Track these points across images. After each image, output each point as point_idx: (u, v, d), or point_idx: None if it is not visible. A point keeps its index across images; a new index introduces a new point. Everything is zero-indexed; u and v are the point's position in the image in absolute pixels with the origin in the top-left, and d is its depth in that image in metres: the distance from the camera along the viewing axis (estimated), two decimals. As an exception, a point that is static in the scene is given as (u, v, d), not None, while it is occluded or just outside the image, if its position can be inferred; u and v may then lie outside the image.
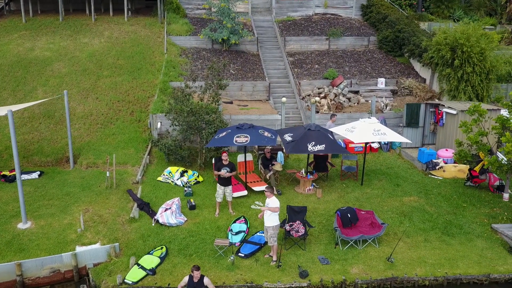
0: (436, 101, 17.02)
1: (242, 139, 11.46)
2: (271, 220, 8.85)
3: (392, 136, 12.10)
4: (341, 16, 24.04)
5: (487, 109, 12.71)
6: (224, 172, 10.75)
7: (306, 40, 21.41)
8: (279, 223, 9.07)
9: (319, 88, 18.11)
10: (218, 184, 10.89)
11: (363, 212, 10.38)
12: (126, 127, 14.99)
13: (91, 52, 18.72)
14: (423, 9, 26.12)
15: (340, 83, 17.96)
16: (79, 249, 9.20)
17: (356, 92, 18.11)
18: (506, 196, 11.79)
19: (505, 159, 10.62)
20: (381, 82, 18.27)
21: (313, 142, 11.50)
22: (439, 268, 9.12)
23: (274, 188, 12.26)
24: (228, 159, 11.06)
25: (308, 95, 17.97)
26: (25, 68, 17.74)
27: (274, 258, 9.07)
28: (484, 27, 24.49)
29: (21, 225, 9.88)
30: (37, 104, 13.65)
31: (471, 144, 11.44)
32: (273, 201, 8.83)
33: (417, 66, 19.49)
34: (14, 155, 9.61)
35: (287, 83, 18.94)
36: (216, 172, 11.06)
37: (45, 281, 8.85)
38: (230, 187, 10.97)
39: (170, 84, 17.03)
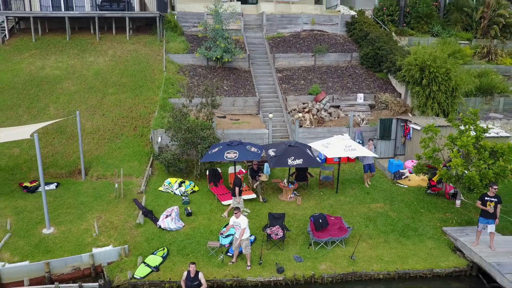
0: (409, 115, 18.98)
1: (231, 155, 13.37)
2: (245, 233, 10.65)
3: (361, 151, 14.03)
4: (327, 32, 25.94)
5: (445, 125, 14.68)
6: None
7: (294, 56, 23.31)
8: (249, 234, 10.84)
9: (303, 103, 20.03)
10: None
11: (332, 218, 12.31)
12: (130, 142, 16.88)
13: (96, 71, 20.60)
14: (404, 25, 28.02)
15: (323, 99, 19.88)
16: (95, 250, 11.09)
17: (337, 107, 20.03)
18: (458, 202, 13.73)
19: (459, 171, 12.49)
20: (360, 97, 20.19)
21: (293, 157, 13.42)
22: (392, 264, 11.06)
23: (261, 196, 14.24)
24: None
25: (294, 110, 19.89)
26: (38, 86, 19.60)
27: (249, 263, 10.84)
28: (460, 42, 26.60)
29: (45, 231, 11.77)
30: (53, 122, 15.43)
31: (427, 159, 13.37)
32: (242, 221, 10.62)
33: (394, 81, 21.42)
34: (40, 173, 11.48)
35: (275, 98, 20.84)
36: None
37: (68, 277, 10.74)
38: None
39: (169, 100, 18.93)
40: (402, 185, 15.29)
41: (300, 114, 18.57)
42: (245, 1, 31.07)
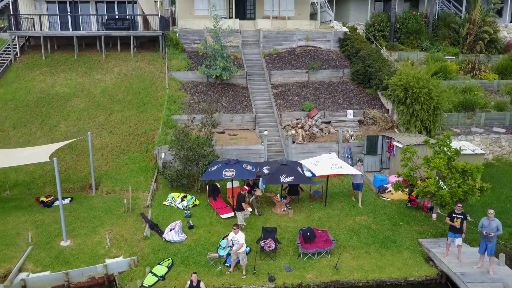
0: (396, 131, 20.40)
1: (229, 173, 14.80)
2: (242, 247, 12.06)
3: (346, 169, 15.45)
4: (321, 48, 27.37)
5: (425, 143, 16.09)
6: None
7: (289, 73, 24.74)
8: (245, 248, 12.25)
9: (297, 119, 21.45)
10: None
11: (319, 231, 13.73)
12: (136, 158, 18.31)
13: (103, 88, 22.02)
14: (394, 40, 29.47)
15: (315, 115, 21.31)
16: (108, 261, 12.51)
17: (328, 123, 21.46)
18: (434, 216, 15.15)
19: (432, 189, 13.89)
20: (350, 113, 21.61)
21: (285, 175, 14.85)
22: (371, 273, 12.48)
23: (256, 209, 15.66)
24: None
25: (288, 125, 21.32)
26: (49, 104, 21.03)
27: (244, 273, 12.23)
28: (447, 57, 28.05)
29: (63, 243, 13.18)
30: (68, 143, 16.79)
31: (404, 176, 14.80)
32: (240, 236, 12.04)
33: (382, 97, 22.84)
34: (59, 193, 12.90)
35: (271, 113, 22.26)
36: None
37: (84, 285, 12.16)
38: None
39: (172, 117, 20.36)
40: (385, 199, 16.72)
41: (293, 131, 19.99)
42: (243, 16, 32.56)
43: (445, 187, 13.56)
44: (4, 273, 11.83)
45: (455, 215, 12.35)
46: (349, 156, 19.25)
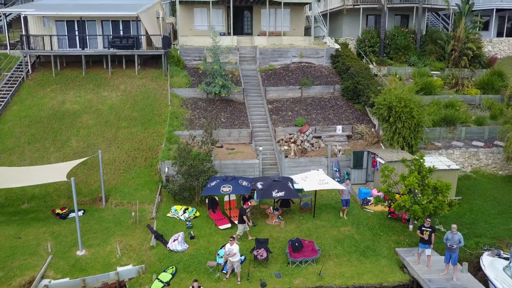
0: (381, 145, 22.09)
1: (226, 188, 16.50)
2: (236, 257, 13.76)
3: (332, 185, 17.13)
4: (314, 64, 29.05)
5: (402, 162, 17.75)
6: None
7: (283, 89, 26.41)
8: (239, 257, 13.93)
9: (290, 134, 23.14)
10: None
11: (306, 241, 15.42)
12: (142, 172, 20.00)
13: (110, 105, 23.71)
14: (384, 55, 31.17)
15: (307, 130, 23.00)
16: (119, 269, 14.19)
17: (319, 137, 23.15)
18: (410, 227, 16.84)
19: (406, 205, 15.56)
20: (339, 129, 23.30)
21: (276, 190, 16.54)
22: (351, 279, 14.17)
23: (251, 220, 17.33)
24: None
25: (282, 139, 23.00)
26: (60, 120, 22.70)
27: (239, 279, 13.91)
28: (433, 71, 29.76)
29: (78, 253, 14.87)
30: (82, 161, 18.45)
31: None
32: (235, 247, 13.72)
33: (370, 113, 24.51)
34: (75, 209, 14.59)
35: (266, 128, 23.94)
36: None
37: (97, 290, 13.87)
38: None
39: (174, 133, 22.04)
40: (368, 210, 18.40)
41: (286, 147, 21.69)
42: (241, 31, 34.28)
43: (419, 195, 15.23)
44: (29, 280, 13.51)
45: (424, 229, 14.04)
46: (337, 170, 20.93)
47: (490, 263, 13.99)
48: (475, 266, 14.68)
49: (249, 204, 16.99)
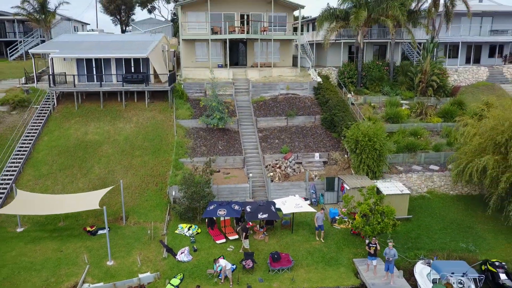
0: (352, 171, 26.58)
1: (221, 212, 21.04)
2: (227, 266, 18.30)
3: (306, 208, 21.63)
4: (299, 95, 33.59)
5: (359, 190, 22.18)
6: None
7: (272, 119, 30.93)
8: (230, 266, 18.44)
9: (276, 160, 27.67)
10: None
11: (283, 254, 19.94)
12: (154, 195, 24.53)
13: (126, 136, 28.24)
14: (361, 85, 35.70)
15: (290, 157, 27.53)
16: (140, 275, 18.70)
17: (300, 163, 27.67)
18: (367, 241, 21.36)
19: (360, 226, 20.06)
20: (317, 156, 27.82)
21: (261, 212, 21.07)
22: (316, 283, 18.69)
23: (241, 235, 21.80)
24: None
25: (269, 165, 27.53)
26: (84, 150, 27.23)
27: (231, 283, 18.45)
28: (403, 100, 34.28)
29: (108, 263, 19.38)
30: (108, 189, 22.91)
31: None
32: (223, 262, 18.24)
33: (343, 142, 29.01)
34: (106, 229, 19.13)
35: (256, 154, 28.45)
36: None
37: (125, 292, 18.39)
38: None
39: (179, 160, 26.56)
40: (336, 227, 22.92)
41: (272, 174, 26.22)
42: (236, 62, 38.87)
43: (371, 217, 19.79)
44: (73, 284, 18.03)
45: (371, 245, 18.58)
46: (314, 192, 25.46)
47: (420, 271, 18.54)
48: (411, 273, 19.20)
49: (250, 224, 21.51)
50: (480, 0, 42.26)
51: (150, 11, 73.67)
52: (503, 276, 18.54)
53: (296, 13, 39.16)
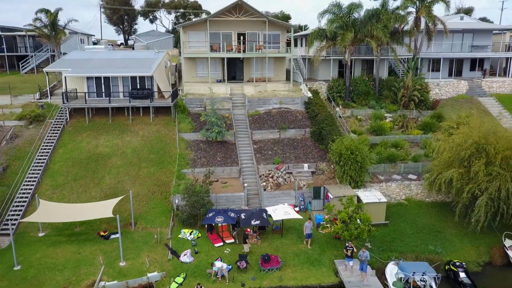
0: (337, 180, 29.50)
1: (219, 219, 23.98)
2: (224, 266, 21.25)
3: (293, 215, 24.54)
4: (291, 109, 36.53)
5: (340, 200, 25.11)
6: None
7: (265, 132, 33.86)
8: (226, 266, 21.37)
9: (269, 171, 30.59)
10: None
11: (273, 256, 22.88)
12: (159, 203, 27.46)
13: (133, 149, 31.17)
14: (349, 99, 38.64)
15: (281, 168, 30.47)
16: (149, 274, 21.61)
17: (290, 173, 30.61)
18: (346, 244, 24.30)
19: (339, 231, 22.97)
20: (305, 166, 30.76)
21: (254, 219, 24.01)
22: (301, 281, 21.60)
23: (237, 240, 24.77)
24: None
25: (262, 174, 30.45)
26: (95, 161, 30.16)
27: (227, 281, 21.39)
28: (387, 114, 37.22)
29: (121, 264, 22.31)
30: (120, 199, 25.80)
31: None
32: (219, 264, 21.18)
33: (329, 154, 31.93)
34: (119, 235, 22.06)
35: (251, 165, 31.38)
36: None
37: (134, 287, 21.33)
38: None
39: (182, 171, 29.48)
40: (321, 232, 25.85)
41: (265, 183, 29.17)
42: (233, 77, 41.80)
43: (358, 220, 22.73)
44: (91, 282, 20.94)
45: (348, 247, 21.53)
46: (302, 199, 28.39)
47: (390, 271, 21.49)
48: (383, 272, 22.14)
49: (249, 231, 24.45)
50: (462, 18, 45.19)
51: (152, 21, 76.67)
52: (462, 275, 21.53)
53: (289, 34, 42.05)
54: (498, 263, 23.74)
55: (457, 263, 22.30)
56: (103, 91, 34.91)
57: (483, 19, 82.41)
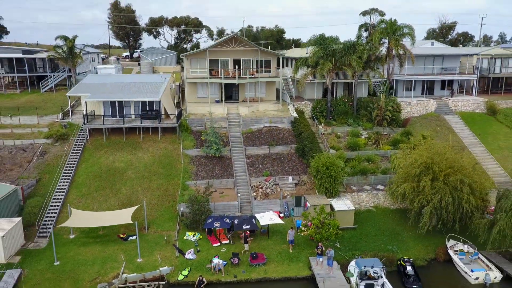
0: (316, 191, 35.18)
1: (217, 224, 29.73)
2: (220, 262, 26.96)
3: (277, 220, 30.22)
4: (279, 127, 42.24)
5: (322, 204, 30.73)
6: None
7: (257, 148, 39.55)
8: (221, 262, 27.06)
9: (259, 182, 36.28)
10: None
11: (260, 254, 28.58)
12: (167, 210, 33.14)
13: (144, 164, 36.87)
14: (330, 118, 44.35)
15: (270, 180, 36.17)
16: (161, 268, 27.24)
17: (277, 184, 36.30)
18: (320, 245, 29.98)
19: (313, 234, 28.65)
20: (290, 178, 36.44)
21: (245, 224, 29.74)
22: (281, 273, 27.27)
23: (232, 240, 30.53)
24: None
25: (254, 185, 36.14)
26: (113, 175, 35.85)
27: (223, 274, 27.08)
28: (362, 131, 42.92)
29: (138, 260, 27.99)
30: (136, 207, 31.48)
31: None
32: (216, 260, 26.89)
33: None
34: (137, 238, 27.77)
35: (244, 177, 37.06)
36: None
37: (152, 279, 26.92)
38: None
39: (186, 183, 35.17)
40: (300, 234, 31.51)
41: (255, 193, 34.89)
42: (230, 97, 47.52)
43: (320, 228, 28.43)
44: (116, 275, 26.60)
45: (318, 247, 27.22)
46: (286, 207, 34.08)
47: (351, 267, 27.15)
48: (346, 267, 27.80)
49: (248, 233, 30.18)
50: (432, 43, 50.94)
51: (155, 37, 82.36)
52: (409, 268, 27.22)
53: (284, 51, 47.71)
54: (442, 259, 29.43)
55: (406, 259, 28.00)
56: (117, 113, 40.57)
57: (465, 34, 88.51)
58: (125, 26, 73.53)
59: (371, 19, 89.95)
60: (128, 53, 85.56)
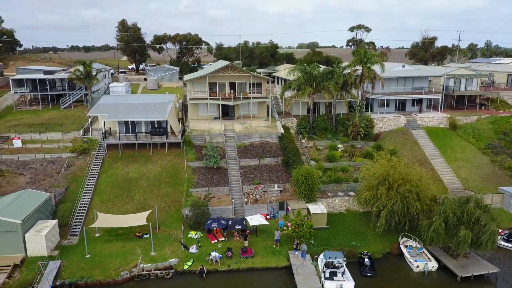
0: (298, 197, 42.37)
1: (214, 224, 36.97)
2: (217, 255, 34.16)
3: (263, 222, 37.38)
4: (268, 142, 49.43)
5: (301, 208, 37.85)
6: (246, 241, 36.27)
7: (249, 160, 46.72)
8: (218, 255, 34.26)
9: (250, 190, 43.45)
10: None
11: (249, 248, 35.76)
12: (174, 214, 40.33)
13: (154, 174, 44.07)
14: (312, 133, 51.53)
15: (259, 188, 43.36)
16: (170, 260, 34.43)
17: (265, 191, 43.47)
18: (296, 241, 37.14)
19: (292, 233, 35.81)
20: (276, 186, 43.64)
21: (237, 224, 36.95)
22: (266, 264, 34.43)
23: (226, 238, 37.80)
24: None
25: (246, 192, 43.31)
26: (128, 184, 43.05)
27: (219, 264, 34.27)
28: (339, 145, 50.18)
29: (152, 253, 35.17)
30: (149, 212, 38.70)
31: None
32: (213, 254, 34.10)
33: (295, 176, 44.78)
34: (151, 235, 35.01)
35: (238, 185, 44.23)
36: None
37: (163, 268, 34.10)
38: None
39: (189, 190, 42.36)
40: (283, 233, 38.65)
41: (246, 199, 42.10)
42: (227, 114, 54.77)
43: (299, 225, 35.61)
44: (135, 265, 33.78)
45: (295, 243, 34.41)
46: (272, 210, 41.27)
47: (320, 258, 34.31)
48: (316, 259, 34.94)
49: (247, 232, 37.32)
50: (403, 66, 58.07)
51: (159, 52, 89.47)
52: (366, 260, 34.43)
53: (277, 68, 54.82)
54: (395, 253, 36.62)
55: (365, 253, 35.19)
56: (130, 130, 47.75)
57: (444, 48, 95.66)
58: (131, 44, 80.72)
59: (357, 35, 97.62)
60: (134, 66, 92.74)
